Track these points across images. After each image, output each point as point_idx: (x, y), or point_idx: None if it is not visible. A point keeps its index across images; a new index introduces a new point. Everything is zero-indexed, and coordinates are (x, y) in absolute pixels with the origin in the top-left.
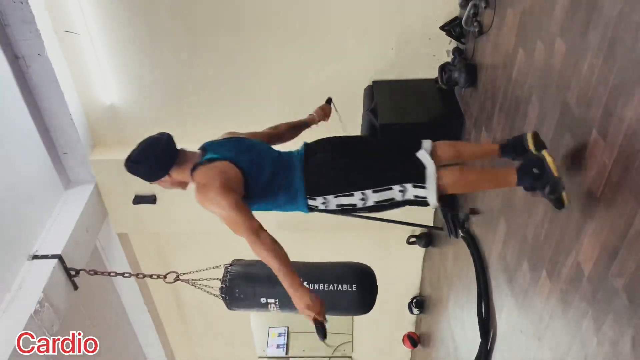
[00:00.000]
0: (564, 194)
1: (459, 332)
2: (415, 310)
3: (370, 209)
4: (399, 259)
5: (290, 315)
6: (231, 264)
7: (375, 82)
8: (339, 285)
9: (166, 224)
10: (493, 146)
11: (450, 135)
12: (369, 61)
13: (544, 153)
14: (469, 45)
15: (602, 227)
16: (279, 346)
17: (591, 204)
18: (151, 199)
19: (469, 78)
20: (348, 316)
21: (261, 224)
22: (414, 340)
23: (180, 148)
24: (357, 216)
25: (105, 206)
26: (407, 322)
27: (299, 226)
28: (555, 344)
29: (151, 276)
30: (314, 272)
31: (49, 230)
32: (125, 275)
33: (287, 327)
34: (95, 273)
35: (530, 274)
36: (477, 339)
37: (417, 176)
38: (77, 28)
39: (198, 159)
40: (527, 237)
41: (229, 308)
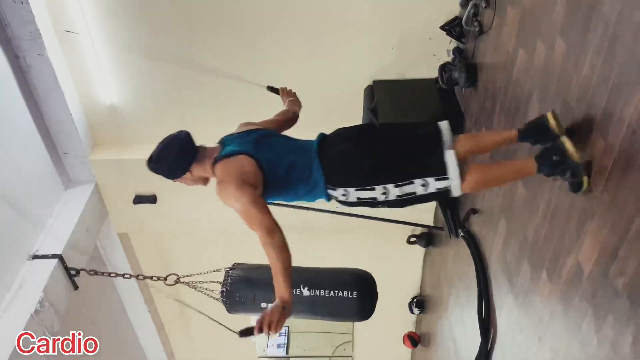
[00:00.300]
0: (585, 178)
1: (459, 332)
2: (416, 310)
3: (391, 203)
4: (399, 258)
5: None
6: (232, 268)
7: (375, 82)
8: (340, 292)
9: (166, 223)
10: (511, 132)
11: None
12: (369, 61)
13: (563, 140)
14: (469, 45)
15: (603, 227)
16: (280, 346)
17: (592, 203)
18: (151, 199)
19: (469, 78)
20: (346, 322)
21: (277, 222)
22: (414, 340)
23: (199, 145)
24: (358, 216)
25: (106, 206)
26: (408, 321)
27: (299, 227)
28: (555, 344)
29: (151, 278)
30: (314, 278)
31: (49, 230)
32: (126, 276)
33: (287, 327)
34: (96, 273)
35: (531, 274)
36: (478, 338)
37: (439, 169)
38: (77, 28)
39: (217, 153)
40: (528, 236)
41: (230, 312)
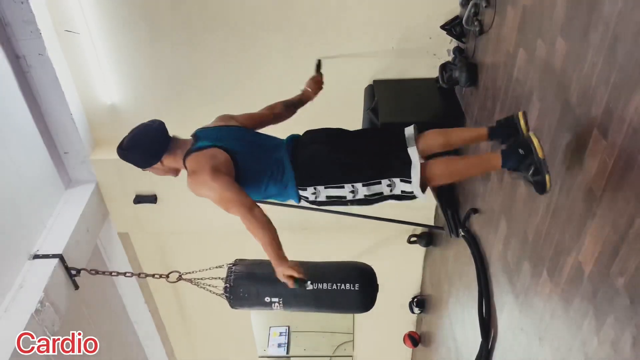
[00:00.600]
0: (547, 177)
1: (459, 332)
2: (416, 310)
3: (360, 202)
4: (399, 258)
5: (291, 315)
6: (234, 264)
7: (375, 81)
8: (342, 285)
9: (167, 223)
10: (481, 130)
11: None
12: (369, 60)
13: (530, 134)
14: (469, 45)
15: (603, 226)
16: (280, 345)
17: (592, 203)
18: (152, 199)
19: (469, 77)
20: (350, 314)
21: (253, 200)
22: (414, 339)
23: (172, 135)
24: (359, 216)
25: (106, 206)
26: (408, 321)
27: (299, 226)
28: (556, 344)
29: (153, 276)
30: (316, 272)
31: (49, 230)
32: (127, 274)
33: (288, 327)
34: (97, 272)
35: (531, 274)
36: (478, 338)
37: (403, 170)
38: (78, 27)
39: (190, 146)
40: (528, 236)
41: (233, 307)
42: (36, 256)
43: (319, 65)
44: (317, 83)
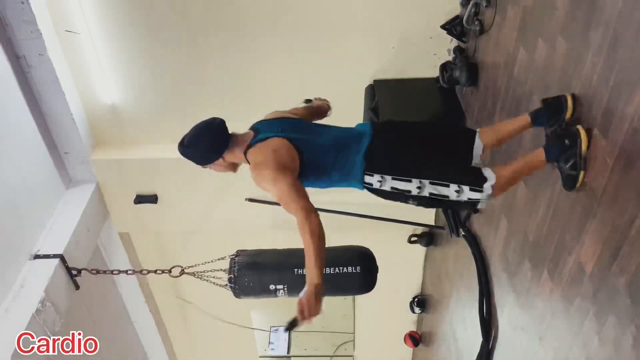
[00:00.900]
0: (582, 174)
1: (460, 331)
2: (417, 310)
3: (422, 200)
4: (400, 258)
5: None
6: (236, 255)
7: (376, 81)
8: (345, 268)
9: (167, 223)
10: (524, 118)
11: None
12: (369, 60)
13: (579, 128)
14: (470, 44)
15: (604, 226)
16: (281, 345)
17: (593, 202)
18: (152, 199)
19: (470, 77)
20: (352, 295)
21: (313, 207)
22: (415, 339)
23: (231, 132)
24: (359, 215)
25: (107, 206)
26: (409, 321)
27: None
28: (556, 343)
29: (155, 271)
30: None
31: (50, 230)
32: (129, 272)
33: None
34: (98, 272)
35: (532, 273)
36: (479, 338)
37: (476, 181)
38: (78, 28)
39: (250, 139)
40: (529, 236)
41: (238, 297)
42: (37, 256)
43: (308, 101)
44: (317, 106)
